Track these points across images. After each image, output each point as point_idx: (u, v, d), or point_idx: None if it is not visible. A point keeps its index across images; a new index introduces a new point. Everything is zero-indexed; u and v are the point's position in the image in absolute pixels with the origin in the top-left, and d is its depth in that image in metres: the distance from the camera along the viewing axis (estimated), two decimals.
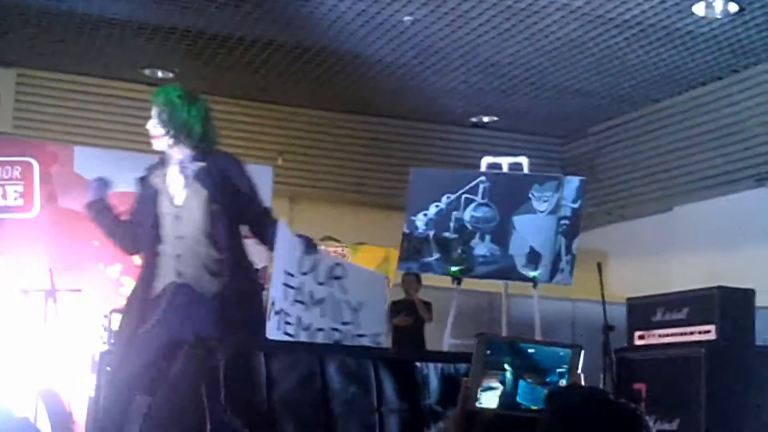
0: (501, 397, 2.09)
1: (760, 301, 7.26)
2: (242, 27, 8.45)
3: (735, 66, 8.88)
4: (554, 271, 6.56)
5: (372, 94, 10.10)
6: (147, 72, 9.68)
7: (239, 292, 4.30)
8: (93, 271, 7.71)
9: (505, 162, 7.28)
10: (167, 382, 3.23)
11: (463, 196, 5.66)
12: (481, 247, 5.69)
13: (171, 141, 4.43)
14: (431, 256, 5.69)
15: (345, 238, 9.31)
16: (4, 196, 7.86)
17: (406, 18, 8.08)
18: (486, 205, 5.72)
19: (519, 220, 5.87)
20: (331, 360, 3.38)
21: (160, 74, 9.71)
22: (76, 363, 6.81)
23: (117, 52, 9.14)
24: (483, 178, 5.97)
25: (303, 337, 4.47)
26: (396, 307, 8.95)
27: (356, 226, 10.20)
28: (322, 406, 3.31)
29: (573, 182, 6.80)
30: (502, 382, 2.09)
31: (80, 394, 6.51)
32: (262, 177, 8.77)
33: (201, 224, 4.33)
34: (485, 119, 10.85)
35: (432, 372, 3.76)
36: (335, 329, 4.70)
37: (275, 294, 4.36)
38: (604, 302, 7.22)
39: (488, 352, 2.09)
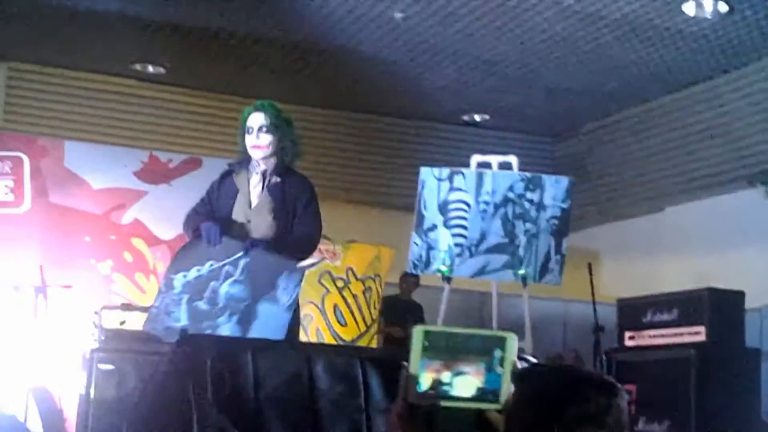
0: (436, 387, 2.04)
1: (749, 302, 7.28)
2: (232, 22, 8.42)
3: (725, 66, 8.86)
4: (544, 271, 6.54)
5: (363, 91, 10.07)
6: (137, 67, 9.63)
7: None
8: (84, 267, 7.67)
9: (494, 160, 7.27)
10: (155, 378, 3.22)
11: (225, 268, 4.77)
12: (225, 329, 4.66)
13: (270, 153, 4.83)
14: (177, 322, 4.71)
15: (336, 237, 9.28)
16: None
17: (398, 15, 8.06)
18: (241, 282, 4.78)
19: (262, 308, 4.81)
20: (318, 359, 3.37)
21: (150, 69, 9.67)
22: (67, 360, 6.79)
23: (107, 46, 9.10)
24: (242, 253, 4.83)
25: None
26: (389, 308, 8.97)
27: (347, 224, 10.17)
28: (310, 405, 3.30)
29: (562, 182, 6.79)
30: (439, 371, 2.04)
31: (71, 391, 6.48)
32: None
33: (265, 231, 4.80)
34: (477, 118, 10.81)
35: None
36: None
37: None
38: (594, 303, 7.21)
39: (426, 342, 2.03)
